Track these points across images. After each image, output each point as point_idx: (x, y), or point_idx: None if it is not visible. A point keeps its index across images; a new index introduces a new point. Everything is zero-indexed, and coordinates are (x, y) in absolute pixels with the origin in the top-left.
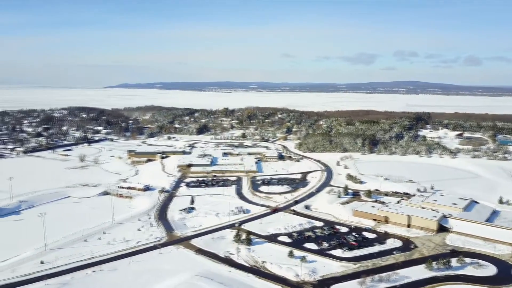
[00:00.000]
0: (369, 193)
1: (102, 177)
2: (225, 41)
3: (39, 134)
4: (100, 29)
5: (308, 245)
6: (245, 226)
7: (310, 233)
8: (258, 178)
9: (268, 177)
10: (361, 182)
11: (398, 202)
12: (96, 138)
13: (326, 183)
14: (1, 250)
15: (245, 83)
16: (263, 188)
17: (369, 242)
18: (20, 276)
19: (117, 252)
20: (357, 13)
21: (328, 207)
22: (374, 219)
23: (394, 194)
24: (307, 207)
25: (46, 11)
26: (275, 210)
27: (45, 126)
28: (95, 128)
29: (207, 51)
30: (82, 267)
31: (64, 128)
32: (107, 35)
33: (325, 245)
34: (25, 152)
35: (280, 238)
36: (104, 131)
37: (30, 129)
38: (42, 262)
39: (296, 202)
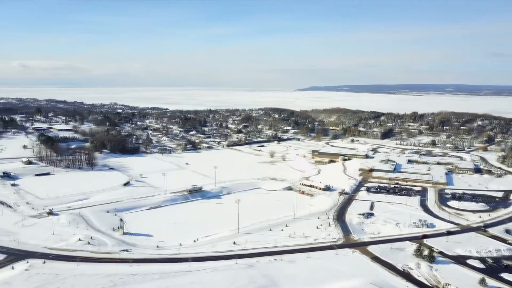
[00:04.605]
0: None
1: (287, 173)
2: (417, 42)
3: (239, 131)
4: (291, 34)
5: (507, 275)
6: (428, 242)
7: (510, 262)
8: (447, 191)
9: (460, 191)
10: None
11: None
12: (285, 137)
13: None
14: (205, 227)
15: (440, 86)
16: (453, 203)
17: None
18: (217, 252)
19: (296, 246)
20: None
21: None
22: None
23: None
24: (508, 232)
25: (244, 24)
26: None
27: (244, 124)
28: (285, 128)
29: (398, 53)
30: (266, 253)
31: (259, 126)
32: (299, 40)
33: None
34: (228, 145)
35: (470, 262)
36: (292, 131)
37: (233, 126)
38: (234, 243)
39: (494, 224)
